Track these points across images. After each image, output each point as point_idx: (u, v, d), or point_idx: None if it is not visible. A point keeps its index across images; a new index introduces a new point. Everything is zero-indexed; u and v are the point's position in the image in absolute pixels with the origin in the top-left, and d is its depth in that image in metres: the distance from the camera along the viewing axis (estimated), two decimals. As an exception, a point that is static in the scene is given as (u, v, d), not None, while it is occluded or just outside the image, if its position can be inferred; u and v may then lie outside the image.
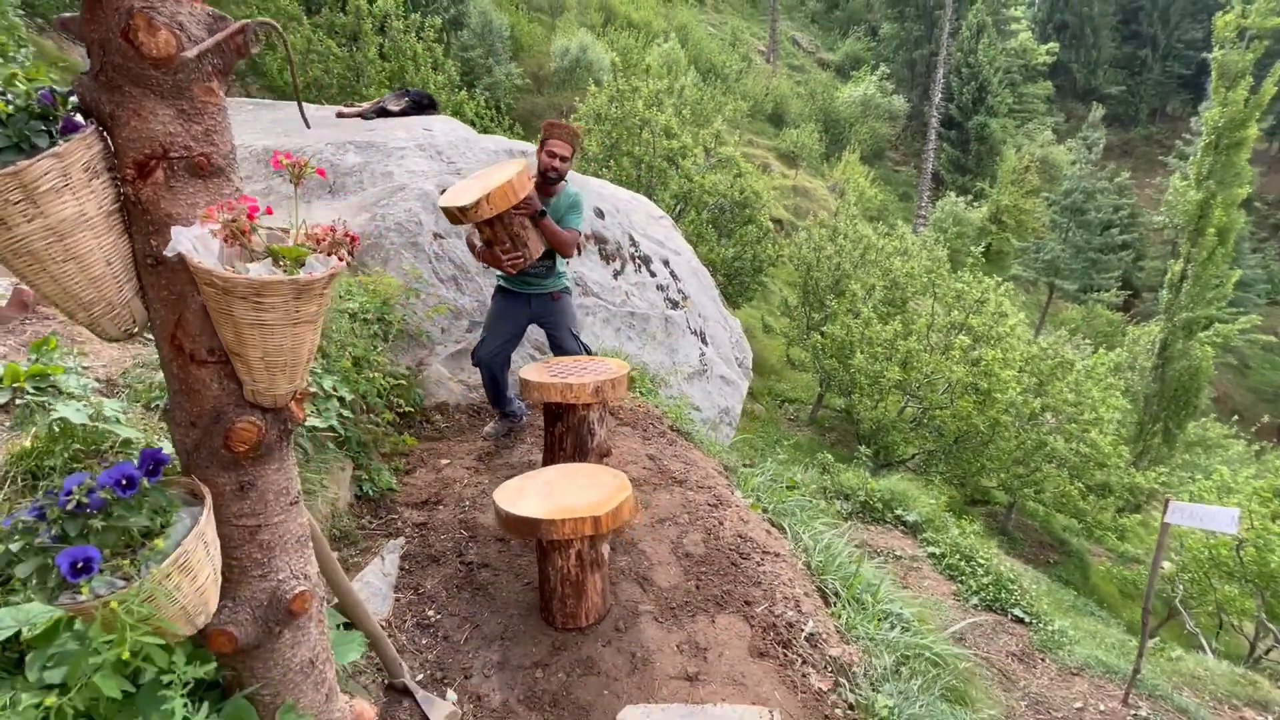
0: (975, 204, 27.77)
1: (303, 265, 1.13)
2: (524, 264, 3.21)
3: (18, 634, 1.23)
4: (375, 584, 2.50)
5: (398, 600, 2.56)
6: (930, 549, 7.52)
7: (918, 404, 11.42)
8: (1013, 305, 12.11)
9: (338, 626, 1.86)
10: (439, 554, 2.87)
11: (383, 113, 5.92)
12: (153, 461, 1.16)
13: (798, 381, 16.44)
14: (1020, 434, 10.30)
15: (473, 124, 11.33)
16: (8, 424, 1.75)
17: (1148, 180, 32.40)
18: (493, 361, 3.54)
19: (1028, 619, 5.79)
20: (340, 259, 1.17)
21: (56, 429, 1.60)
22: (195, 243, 1.08)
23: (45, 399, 1.72)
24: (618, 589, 2.66)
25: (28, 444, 1.63)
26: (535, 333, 5.20)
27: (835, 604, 3.00)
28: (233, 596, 1.33)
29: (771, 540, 3.22)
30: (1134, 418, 14.86)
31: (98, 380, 2.09)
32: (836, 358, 11.84)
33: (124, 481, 1.11)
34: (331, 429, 2.67)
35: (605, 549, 2.44)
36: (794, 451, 12.44)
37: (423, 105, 6.09)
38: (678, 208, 10.91)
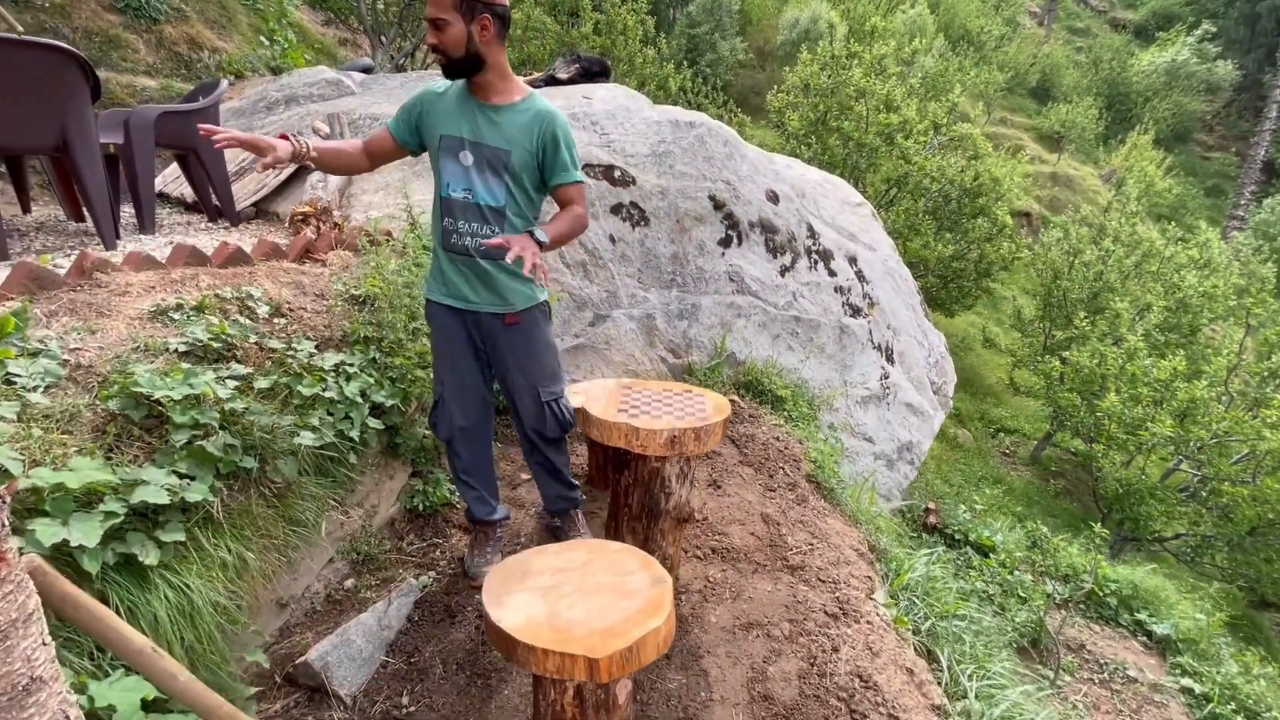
0: (1329, 205, 20.76)
1: None
2: None
3: None
4: (358, 644, 2.04)
5: (383, 668, 2.08)
6: (1186, 680, 5.48)
7: (1195, 469, 8.59)
8: (1382, 353, 8.47)
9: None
10: (460, 607, 2.34)
11: (551, 81, 5.55)
12: None
13: (1021, 409, 13.64)
14: (1369, 541, 7.19)
15: (675, 102, 10.75)
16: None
17: None
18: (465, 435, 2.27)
19: None
20: None
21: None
22: None
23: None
24: (650, 731, 1.90)
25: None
26: (672, 331, 4.49)
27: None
28: None
29: (909, 692, 2.18)
30: None
31: (69, 368, 1.84)
32: (1079, 392, 9.36)
33: None
34: (335, 445, 2.24)
35: (623, 689, 1.68)
36: (1002, 497, 10.22)
37: (593, 73, 5.61)
38: (889, 193, 9.31)
